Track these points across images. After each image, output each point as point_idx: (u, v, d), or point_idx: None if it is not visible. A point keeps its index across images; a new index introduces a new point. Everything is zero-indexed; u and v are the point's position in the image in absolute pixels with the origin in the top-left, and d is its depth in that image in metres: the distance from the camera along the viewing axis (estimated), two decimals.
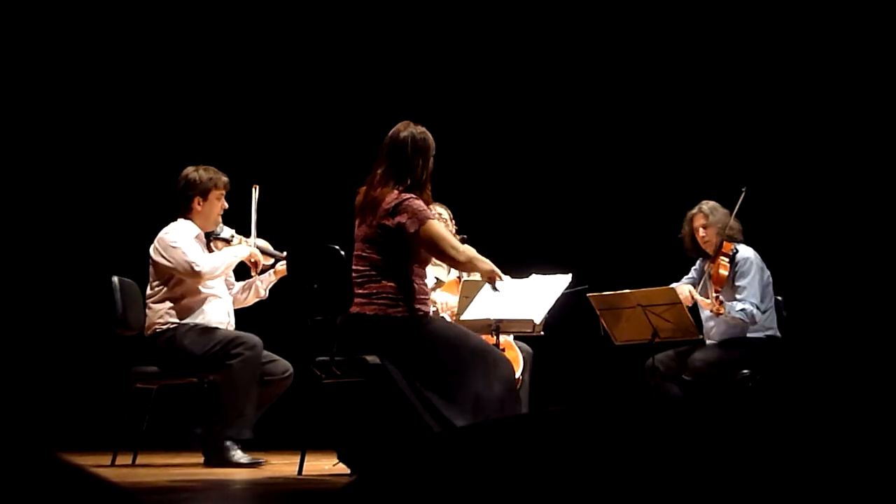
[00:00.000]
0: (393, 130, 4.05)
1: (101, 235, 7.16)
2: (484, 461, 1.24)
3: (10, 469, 1.10)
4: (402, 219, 3.88)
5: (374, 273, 3.93)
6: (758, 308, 5.26)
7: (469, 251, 4.12)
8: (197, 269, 4.76)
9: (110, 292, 5.03)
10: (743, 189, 5.29)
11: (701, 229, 5.43)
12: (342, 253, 4.05)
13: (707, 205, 5.45)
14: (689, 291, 5.33)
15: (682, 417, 1.28)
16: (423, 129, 4.05)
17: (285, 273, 4.71)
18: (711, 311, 5.20)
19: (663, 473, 1.18)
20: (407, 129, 4.02)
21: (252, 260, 4.92)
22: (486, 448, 1.26)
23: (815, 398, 1.28)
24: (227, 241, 5.00)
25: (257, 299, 5.14)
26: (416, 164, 3.97)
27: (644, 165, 7.51)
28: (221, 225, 5.02)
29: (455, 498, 1.21)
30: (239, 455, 4.61)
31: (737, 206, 5.32)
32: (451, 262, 4.21)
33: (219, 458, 4.62)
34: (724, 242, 5.36)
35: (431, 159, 4.03)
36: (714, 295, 5.20)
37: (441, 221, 4.93)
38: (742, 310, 5.24)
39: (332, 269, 4.04)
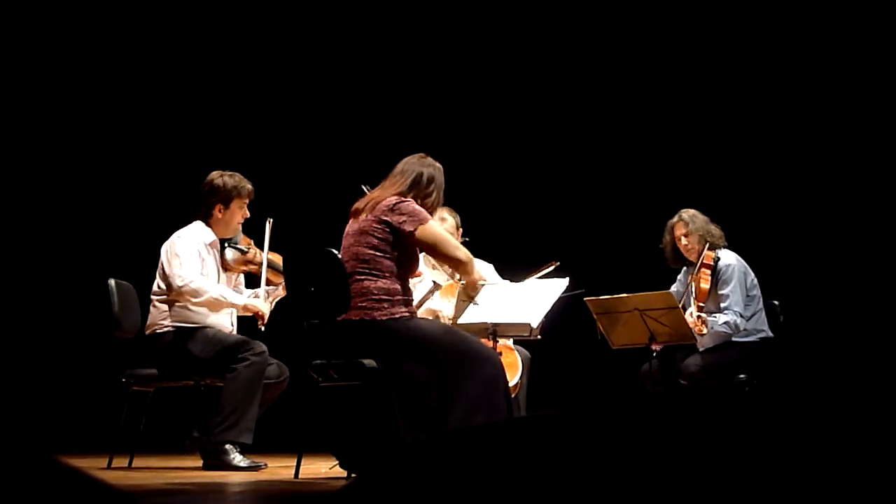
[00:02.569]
0: (410, 157, 4.15)
1: (97, 238, 7.16)
2: (480, 464, 1.24)
3: (8, 471, 1.10)
4: (400, 217, 3.94)
5: (356, 270, 3.95)
6: (741, 316, 5.25)
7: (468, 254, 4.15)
8: (179, 283, 4.70)
9: (107, 295, 5.02)
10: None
11: (683, 238, 5.41)
12: (339, 256, 4.05)
13: (686, 213, 5.43)
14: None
15: (678, 422, 1.28)
16: (439, 165, 4.17)
17: (283, 294, 4.72)
18: (695, 331, 5.12)
19: (659, 477, 1.18)
20: (426, 159, 4.14)
21: (259, 314, 4.80)
22: (483, 451, 1.26)
23: (812, 401, 1.28)
24: (243, 253, 4.97)
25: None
26: (430, 192, 4.09)
27: (642, 170, 7.52)
28: (240, 234, 5.01)
29: (452, 501, 1.21)
30: (238, 458, 4.60)
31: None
32: (453, 262, 4.23)
33: (218, 460, 4.60)
34: (707, 252, 5.34)
35: (442, 193, 4.15)
36: (697, 314, 5.16)
37: (443, 223, 4.95)
38: (725, 323, 5.22)
39: (329, 273, 4.04)
